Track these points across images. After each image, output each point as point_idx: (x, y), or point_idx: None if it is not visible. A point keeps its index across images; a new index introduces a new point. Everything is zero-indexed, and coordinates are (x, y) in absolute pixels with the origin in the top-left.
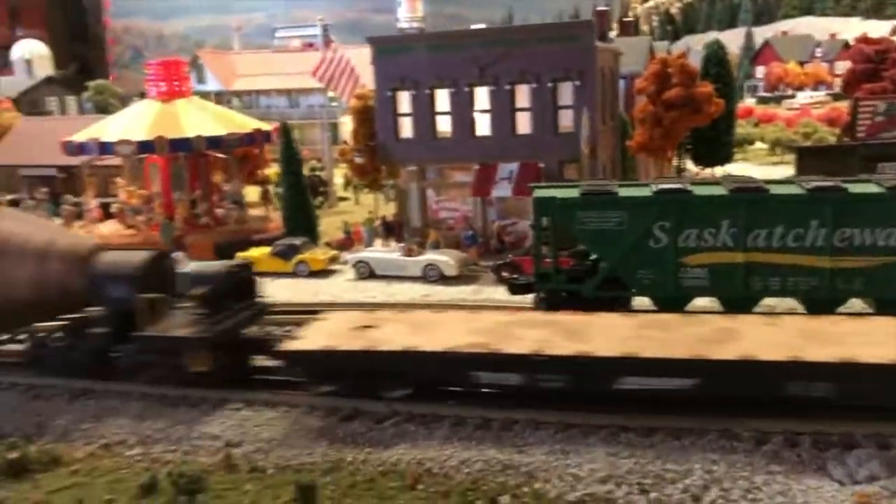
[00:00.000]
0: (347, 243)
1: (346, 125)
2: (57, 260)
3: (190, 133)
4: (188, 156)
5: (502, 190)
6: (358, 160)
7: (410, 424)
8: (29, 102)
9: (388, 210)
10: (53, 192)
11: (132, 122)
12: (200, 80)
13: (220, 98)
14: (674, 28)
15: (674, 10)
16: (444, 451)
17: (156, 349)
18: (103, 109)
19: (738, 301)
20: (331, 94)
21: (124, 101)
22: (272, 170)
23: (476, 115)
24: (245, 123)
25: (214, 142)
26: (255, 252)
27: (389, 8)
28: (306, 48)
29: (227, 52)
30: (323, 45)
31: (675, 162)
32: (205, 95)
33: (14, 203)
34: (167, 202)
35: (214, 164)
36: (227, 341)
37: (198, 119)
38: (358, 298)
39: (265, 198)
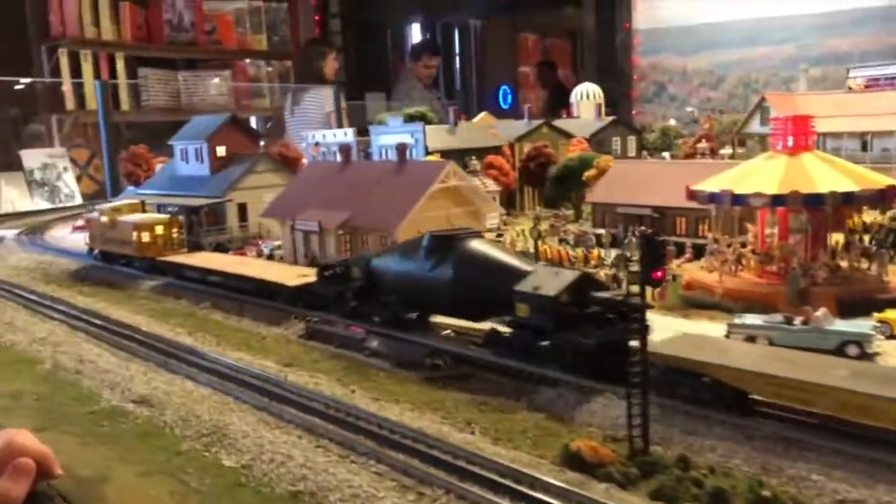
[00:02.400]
0: None
1: None
2: None
3: (822, 188)
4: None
5: None
6: None
7: None
8: (597, 142)
9: None
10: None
11: (762, 176)
12: (764, 122)
13: None
14: None
15: None
16: None
17: None
18: (665, 149)
19: None
20: None
21: (675, 144)
22: (868, 217)
23: None
24: (876, 178)
25: (847, 197)
26: (892, 314)
27: None
28: (871, 86)
29: (792, 94)
30: None
31: None
32: (765, 137)
33: (614, 237)
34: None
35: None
36: None
37: (826, 173)
38: None
39: (866, 253)
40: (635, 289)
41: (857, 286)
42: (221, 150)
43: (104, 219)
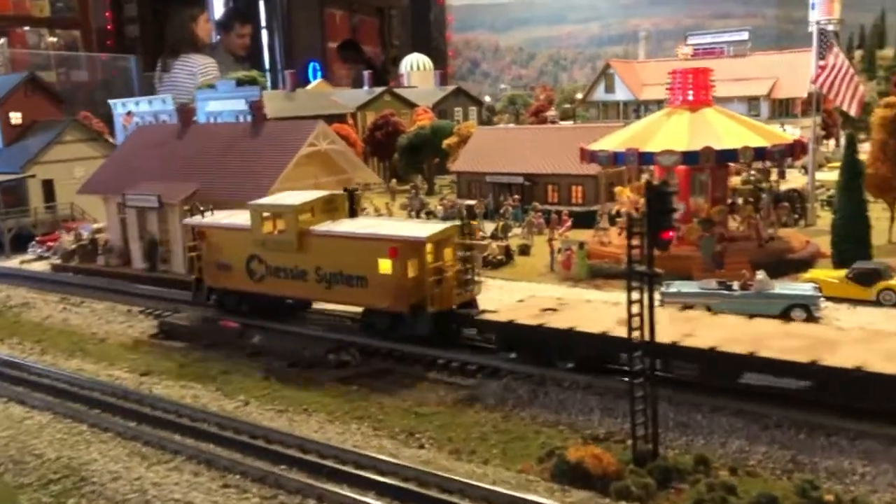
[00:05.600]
0: None
1: None
2: None
3: (731, 143)
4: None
5: None
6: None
7: None
8: (439, 112)
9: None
10: (521, 199)
11: (668, 133)
12: (609, 90)
13: (627, 107)
14: None
15: None
16: None
17: None
18: (515, 117)
19: None
20: None
21: (519, 114)
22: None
23: None
24: (781, 134)
25: (759, 153)
26: (821, 274)
27: (728, 13)
28: (699, 55)
29: (632, 61)
30: (826, 50)
31: None
32: (613, 104)
33: (469, 208)
34: (687, 215)
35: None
36: None
37: (731, 129)
38: None
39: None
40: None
41: (767, 249)
42: (17, 117)
43: (271, 229)
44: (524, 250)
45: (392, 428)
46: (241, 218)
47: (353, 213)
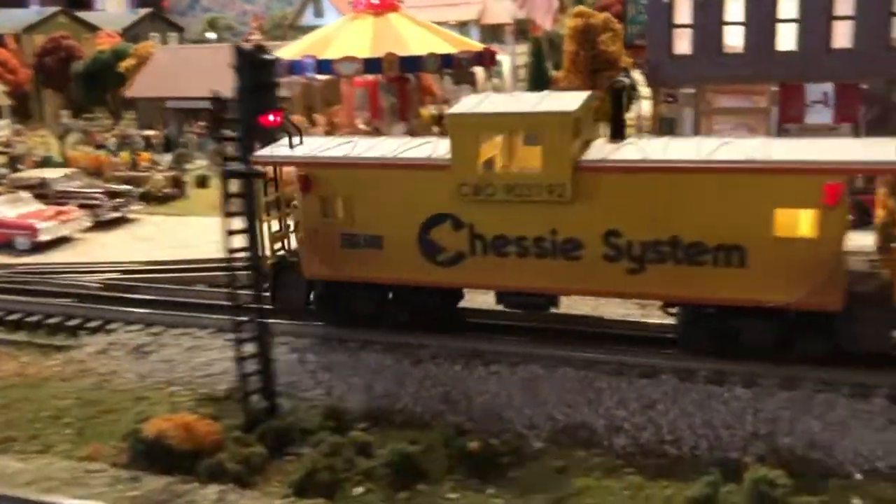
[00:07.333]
0: None
1: None
2: None
3: (418, 50)
4: (396, 78)
5: (818, 115)
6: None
7: None
8: (132, 38)
9: None
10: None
11: (349, 39)
12: (318, 14)
13: None
14: None
15: None
16: None
17: None
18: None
19: None
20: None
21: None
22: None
23: (779, 26)
24: (467, 42)
25: (447, 61)
26: None
27: None
28: None
29: None
30: None
31: None
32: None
33: (167, 138)
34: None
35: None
36: None
37: (419, 36)
38: None
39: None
40: None
41: None
42: None
43: (505, 160)
44: (202, 182)
45: None
46: (387, 146)
47: (618, 129)
